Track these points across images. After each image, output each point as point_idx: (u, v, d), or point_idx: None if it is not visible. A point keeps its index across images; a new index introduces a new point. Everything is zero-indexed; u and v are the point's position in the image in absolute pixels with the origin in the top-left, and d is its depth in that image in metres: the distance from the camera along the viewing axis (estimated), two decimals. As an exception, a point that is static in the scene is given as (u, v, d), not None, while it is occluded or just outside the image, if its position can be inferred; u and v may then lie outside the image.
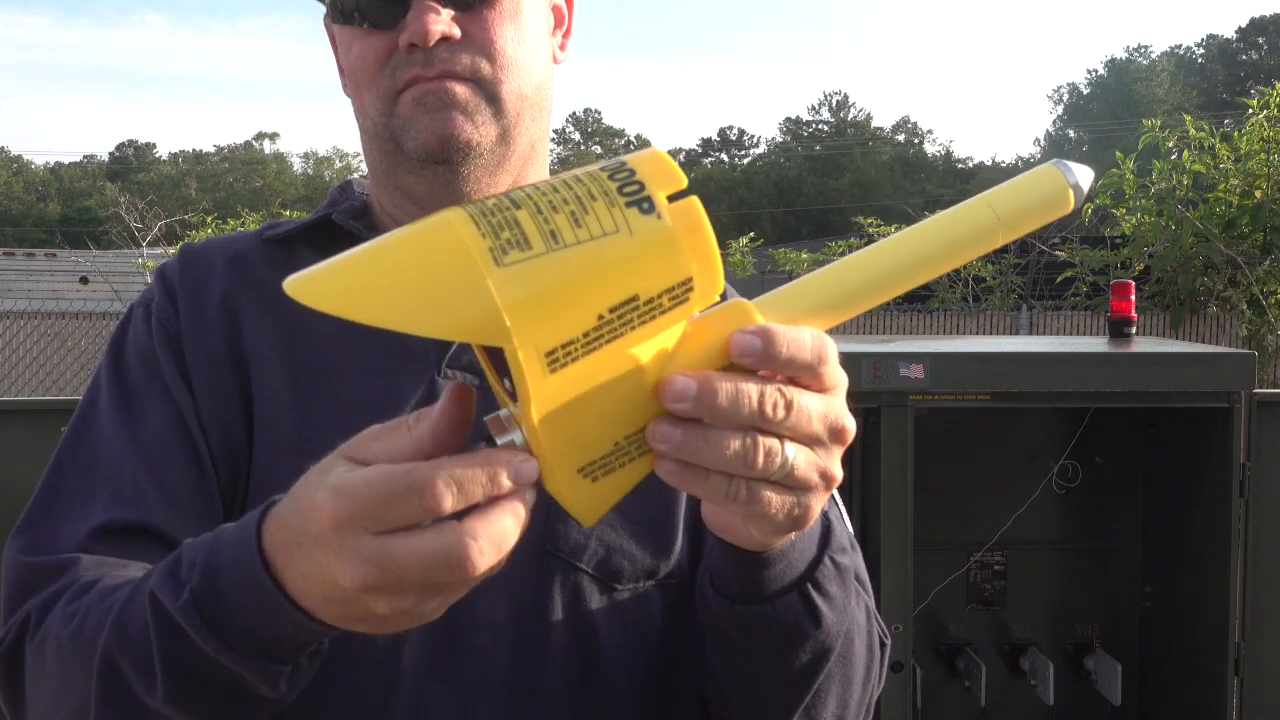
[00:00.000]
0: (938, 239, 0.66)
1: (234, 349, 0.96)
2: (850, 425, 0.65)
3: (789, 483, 0.63)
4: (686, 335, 0.60)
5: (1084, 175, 0.69)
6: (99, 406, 0.96)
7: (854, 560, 1.00)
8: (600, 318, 0.56)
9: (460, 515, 0.59)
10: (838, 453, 0.66)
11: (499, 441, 0.60)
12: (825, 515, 0.81)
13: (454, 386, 0.62)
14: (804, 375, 0.62)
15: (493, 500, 0.59)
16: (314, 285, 0.56)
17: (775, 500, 0.64)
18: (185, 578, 0.72)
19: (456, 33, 0.95)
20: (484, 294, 0.54)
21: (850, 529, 1.05)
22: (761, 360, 0.60)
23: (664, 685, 0.96)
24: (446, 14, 0.95)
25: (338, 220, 1.04)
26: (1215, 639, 2.64)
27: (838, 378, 0.64)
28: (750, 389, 0.60)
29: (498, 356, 0.58)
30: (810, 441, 0.63)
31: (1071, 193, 0.68)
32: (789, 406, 0.61)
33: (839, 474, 0.66)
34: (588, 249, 0.56)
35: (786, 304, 0.64)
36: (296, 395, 0.94)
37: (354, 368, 0.95)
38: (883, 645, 0.96)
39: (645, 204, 0.57)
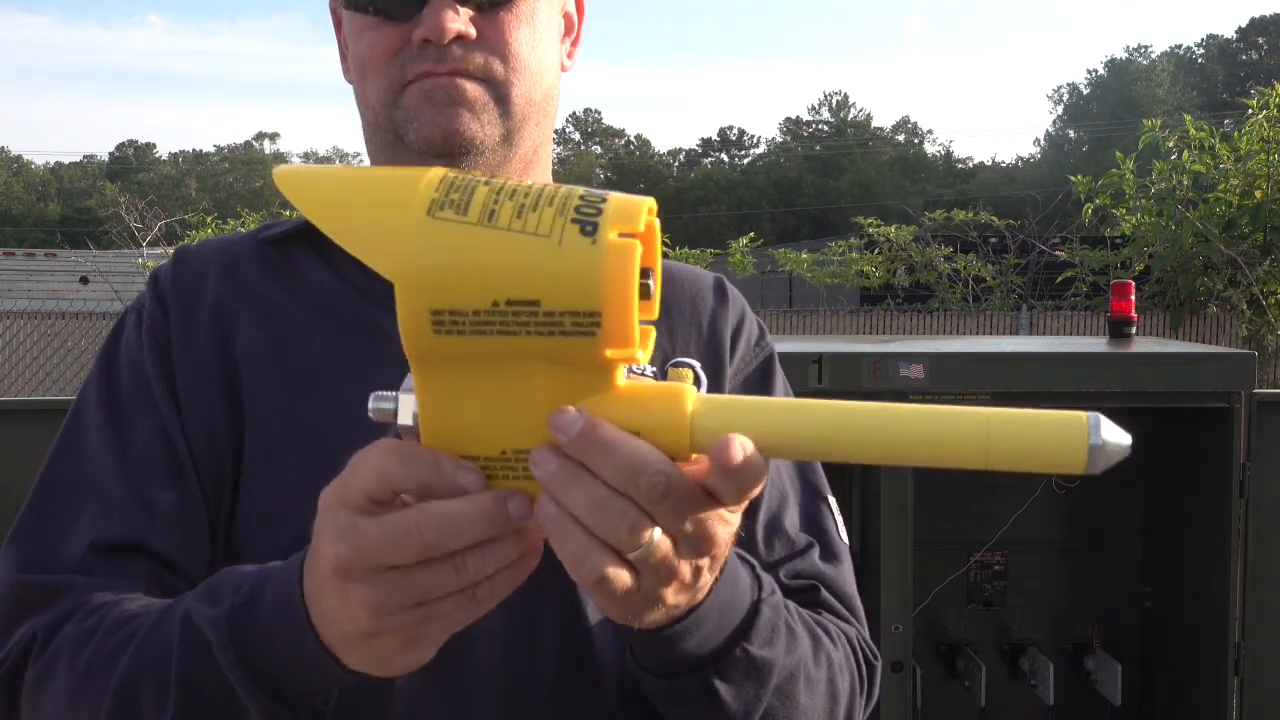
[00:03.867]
0: (917, 429, 0.57)
1: (224, 355, 0.96)
2: (723, 541, 0.61)
3: (642, 566, 0.60)
4: (607, 392, 0.60)
5: (1114, 436, 0.55)
6: (88, 416, 0.96)
7: (838, 572, 1.00)
8: (495, 304, 0.57)
9: None
10: (701, 565, 0.64)
11: (393, 404, 0.62)
12: (755, 606, 0.78)
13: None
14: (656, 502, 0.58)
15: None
16: (294, 178, 0.61)
17: (619, 581, 0.60)
18: (227, 596, 0.74)
19: (472, 32, 0.94)
20: (403, 230, 0.58)
21: (845, 538, 1.04)
22: (575, 445, 0.57)
23: None
24: (465, 13, 0.94)
25: (335, 220, 1.03)
26: (1215, 639, 2.64)
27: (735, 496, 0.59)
28: (639, 450, 0.57)
29: None
30: (676, 535, 0.60)
31: (1088, 453, 0.55)
32: (667, 493, 0.57)
33: (690, 581, 0.64)
34: (512, 239, 0.57)
35: (736, 411, 0.59)
36: (288, 399, 0.94)
37: (345, 371, 0.94)
38: (870, 670, 0.97)
39: (589, 227, 0.57)
